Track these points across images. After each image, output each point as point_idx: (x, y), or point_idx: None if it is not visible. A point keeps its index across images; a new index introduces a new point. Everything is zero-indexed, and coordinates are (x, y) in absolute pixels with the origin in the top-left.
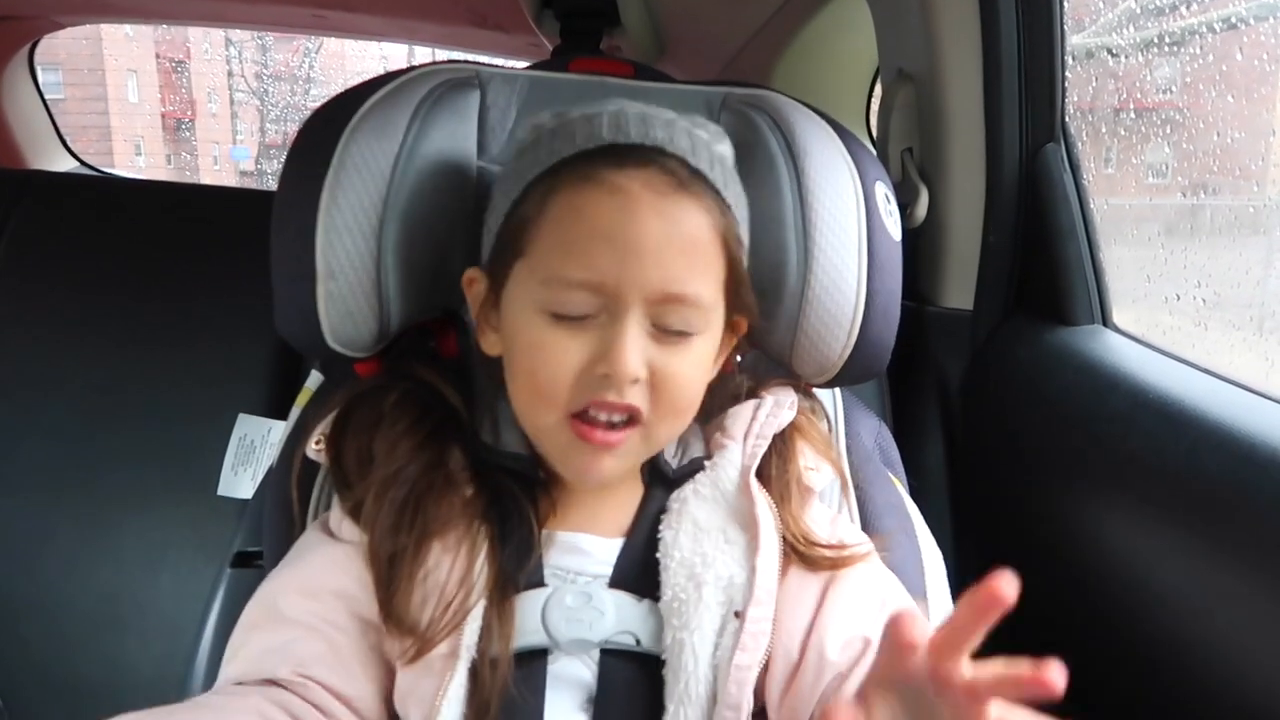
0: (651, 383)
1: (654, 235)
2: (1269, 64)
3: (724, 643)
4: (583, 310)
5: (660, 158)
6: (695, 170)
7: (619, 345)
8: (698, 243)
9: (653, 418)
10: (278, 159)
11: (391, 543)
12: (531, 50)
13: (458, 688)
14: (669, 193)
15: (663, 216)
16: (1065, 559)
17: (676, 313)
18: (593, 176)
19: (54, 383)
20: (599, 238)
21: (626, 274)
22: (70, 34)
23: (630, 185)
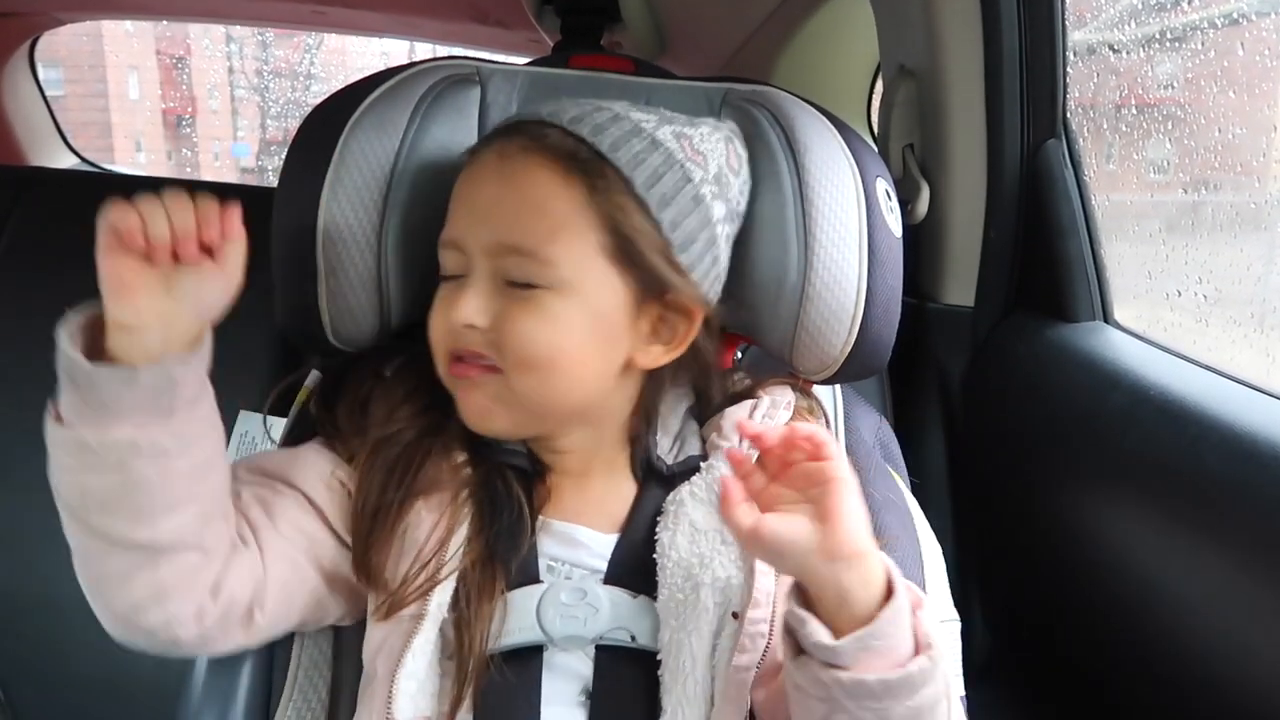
0: (496, 334)
1: (490, 194)
2: (1270, 60)
3: (722, 644)
4: (454, 269)
5: (528, 126)
6: (569, 133)
7: (458, 295)
8: (538, 198)
9: (505, 367)
10: (278, 155)
11: (378, 498)
12: (532, 46)
13: (424, 643)
14: (513, 154)
15: (499, 175)
16: (1066, 554)
17: (516, 265)
18: (472, 155)
19: (54, 378)
20: (458, 203)
21: (470, 230)
22: (71, 30)
23: (486, 155)
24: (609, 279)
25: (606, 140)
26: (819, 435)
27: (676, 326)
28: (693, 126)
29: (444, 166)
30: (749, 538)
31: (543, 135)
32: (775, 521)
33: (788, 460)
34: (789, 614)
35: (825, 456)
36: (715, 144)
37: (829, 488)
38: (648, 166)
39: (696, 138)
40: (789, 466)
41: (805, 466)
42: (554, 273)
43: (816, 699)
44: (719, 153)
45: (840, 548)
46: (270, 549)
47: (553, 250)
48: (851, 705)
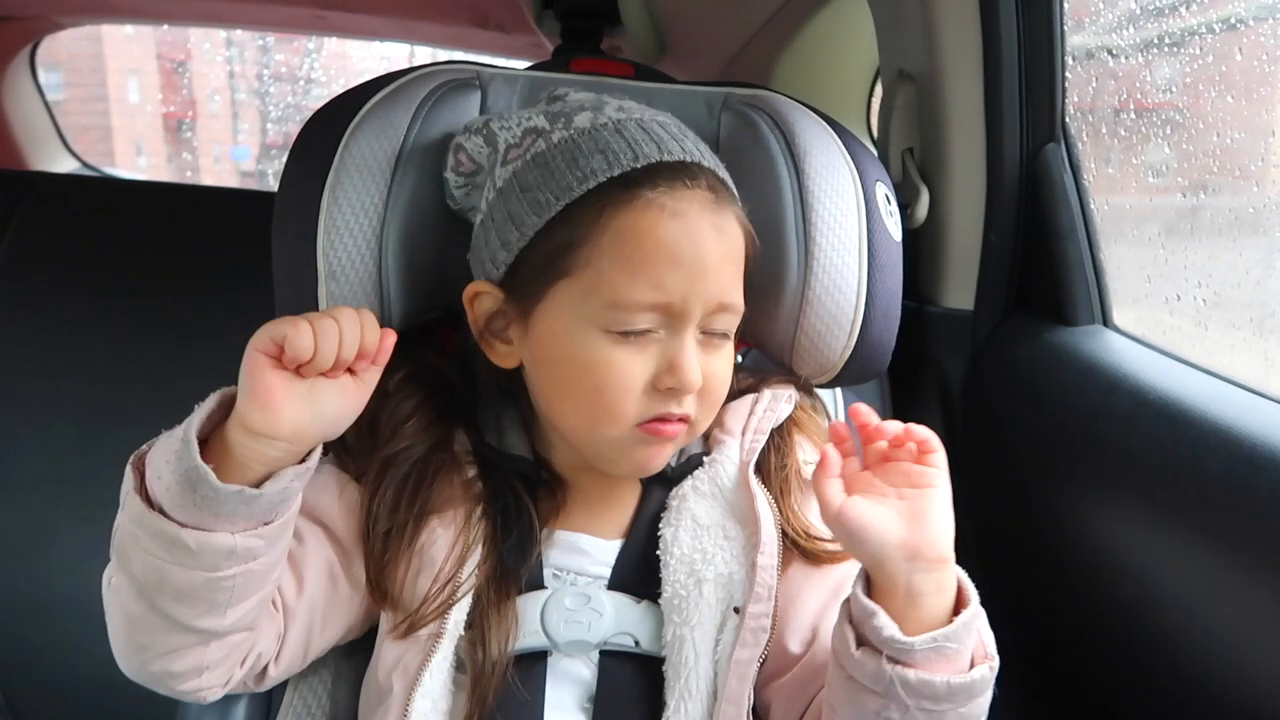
0: (706, 387)
1: (713, 253)
2: (1269, 64)
3: (724, 639)
4: (645, 325)
5: (701, 173)
6: (723, 182)
7: (685, 360)
8: (738, 252)
9: (700, 416)
10: (279, 159)
11: (389, 519)
12: (532, 50)
13: (441, 661)
14: (718, 210)
15: (719, 233)
16: (1066, 558)
17: (721, 319)
18: (649, 199)
19: (56, 383)
20: (666, 260)
21: (693, 292)
22: (71, 35)
23: (689, 208)
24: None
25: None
26: (932, 440)
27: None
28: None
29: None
30: (834, 516)
31: (715, 186)
32: (864, 506)
33: (889, 455)
34: (854, 603)
35: (931, 463)
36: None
37: (925, 491)
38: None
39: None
40: (888, 461)
41: (906, 466)
42: (738, 321)
43: (872, 692)
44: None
45: (925, 549)
46: (295, 614)
47: (741, 300)
48: (911, 703)
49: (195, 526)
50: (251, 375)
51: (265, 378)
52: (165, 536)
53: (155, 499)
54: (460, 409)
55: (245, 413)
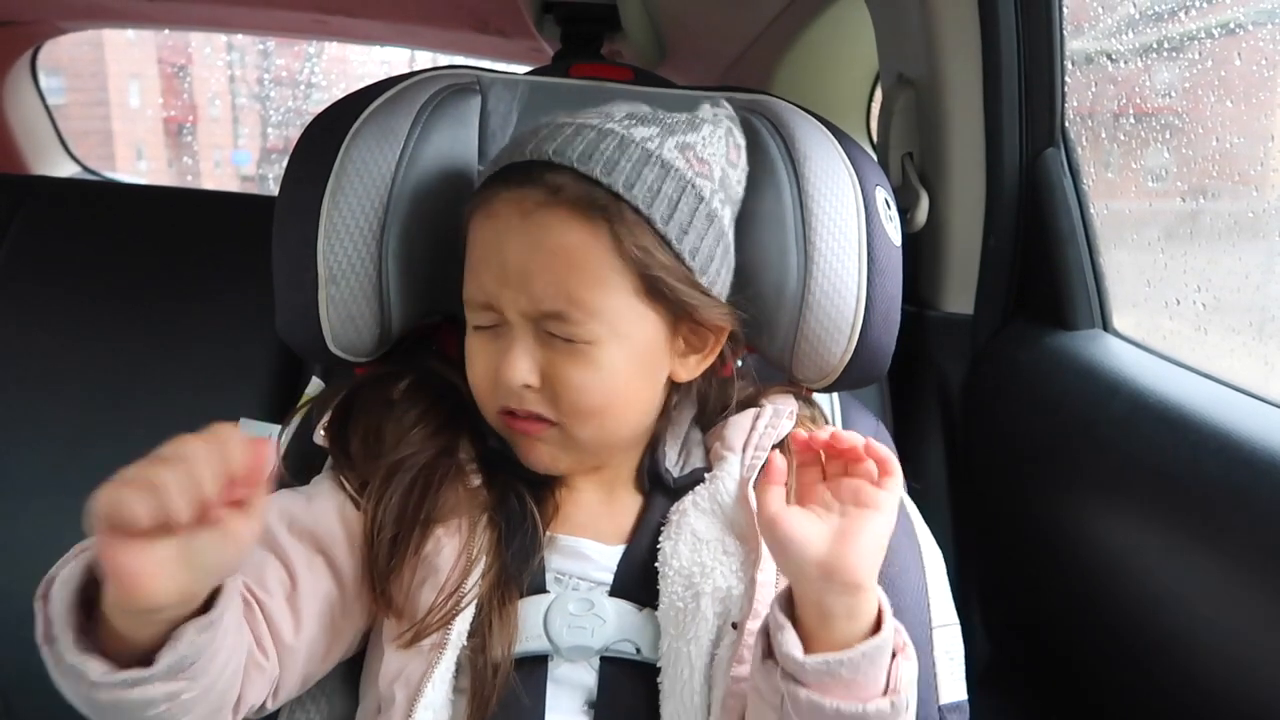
0: (549, 389)
1: (513, 256)
2: (1267, 69)
3: (720, 654)
4: (488, 322)
5: (541, 172)
6: (584, 176)
7: (505, 358)
8: (569, 255)
9: (563, 420)
10: (279, 163)
11: (395, 526)
12: (532, 55)
13: (444, 672)
14: (534, 210)
15: (522, 236)
16: (1066, 562)
17: (556, 325)
18: (484, 202)
19: (55, 387)
20: (481, 262)
21: (504, 294)
22: (72, 39)
23: (503, 208)
24: (644, 317)
25: (620, 178)
26: (892, 464)
27: (706, 336)
28: (694, 130)
29: (445, 175)
30: (767, 522)
31: (558, 185)
32: (798, 519)
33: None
34: (770, 616)
35: (885, 485)
36: (717, 144)
37: (864, 513)
38: (663, 198)
39: (699, 144)
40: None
41: (858, 484)
42: (594, 327)
43: (770, 706)
44: (720, 153)
45: (840, 572)
46: (295, 651)
47: (591, 306)
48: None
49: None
50: (104, 559)
51: (120, 560)
52: (80, 695)
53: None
54: (464, 414)
55: (112, 596)
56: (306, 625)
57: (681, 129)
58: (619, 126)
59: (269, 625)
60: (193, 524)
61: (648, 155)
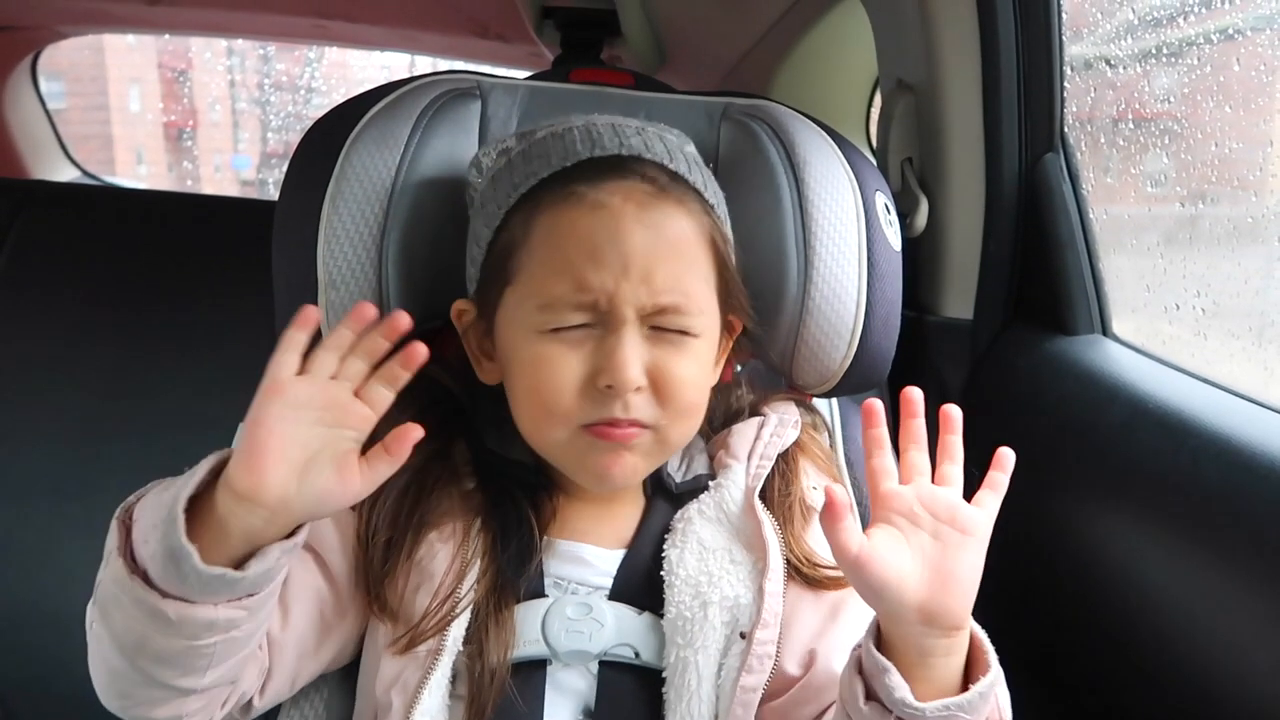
0: (655, 388)
1: (639, 247)
2: (1266, 75)
3: (729, 663)
4: (577, 322)
5: (638, 165)
6: (674, 174)
7: (619, 356)
8: (683, 247)
9: (663, 421)
10: (279, 168)
11: (389, 530)
12: (532, 60)
13: (440, 679)
14: (650, 202)
15: (646, 226)
16: (1065, 567)
17: (671, 318)
18: (572, 194)
19: (56, 392)
20: (585, 255)
21: (619, 291)
22: (73, 44)
23: (611, 199)
24: (716, 310)
25: (695, 176)
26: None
27: (723, 340)
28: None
29: (445, 180)
30: (851, 563)
31: (659, 179)
32: (886, 553)
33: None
34: (865, 656)
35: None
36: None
37: (964, 542)
38: (719, 198)
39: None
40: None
41: (953, 502)
42: (702, 319)
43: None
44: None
45: (943, 617)
46: (282, 647)
47: (699, 298)
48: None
49: (177, 597)
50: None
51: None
52: (146, 605)
53: (140, 562)
54: (459, 419)
55: (232, 473)
56: (295, 621)
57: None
58: (655, 130)
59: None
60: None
61: (687, 155)
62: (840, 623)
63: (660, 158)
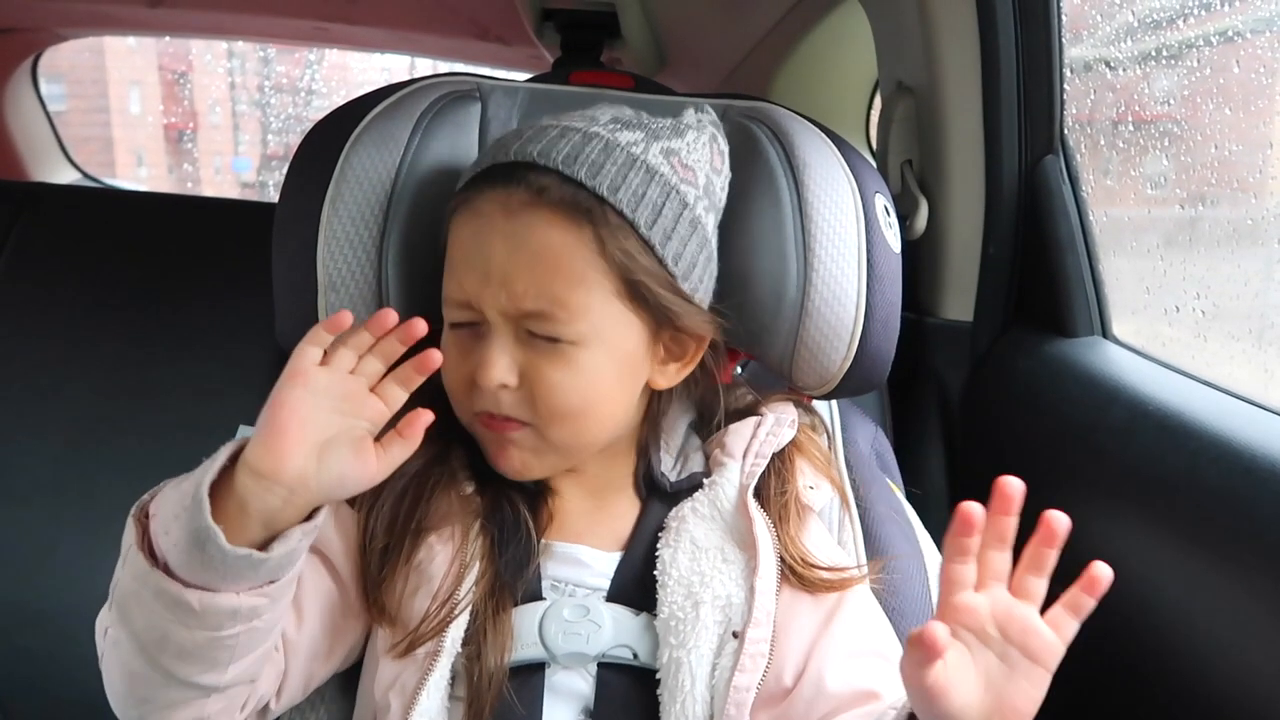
0: (527, 390)
1: (497, 255)
2: (1266, 77)
3: (722, 663)
4: (466, 319)
5: (525, 173)
6: (568, 179)
7: (483, 356)
8: (552, 256)
9: (538, 422)
10: (279, 170)
11: (386, 535)
12: (532, 62)
13: (439, 680)
14: (519, 210)
15: (506, 236)
16: (1064, 569)
17: (537, 324)
18: (466, 201)
19: (56, 394)
20: (461, 261)
21: (483, 295)
22: (73, 46)
23: (486, 207)
24: (626, 320)
25: (605, 181)
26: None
27: (687, 344)
28: (679, 136)
29: (445, 182)
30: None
31: (542, 186)
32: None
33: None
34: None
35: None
36: (701, 150)
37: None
38: (647, 202)
39: (684, 150)
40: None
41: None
42: (577, 327)
43: None
44: (704, 160)
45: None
46: (297, 648)
47: (573, 306)
48: None
49: (200, 586)
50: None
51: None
52: (169, 596)
53: (160, 554)
54: (457, 423)
55: (251, 453)
56: (308, 621)
57: (666, 134)
58: (604, 130)
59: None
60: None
61: (633, 160)
62: (833, 631)
63: (557, 163)
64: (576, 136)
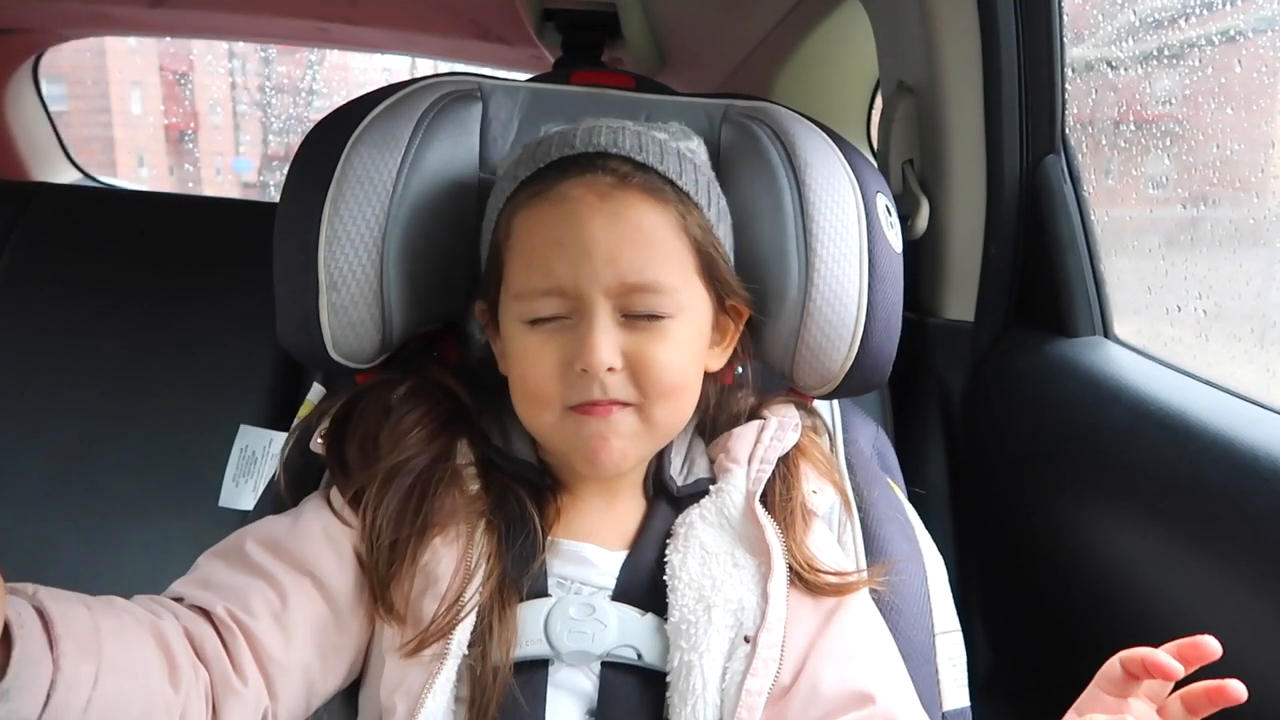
0: (632, 369)
1: (599, 234)
2: (1267, 76)
3: (733, 667)
4: (554, 312)
5: (601, 160)
6: (640, 164)
7: (589, 340)
8: (648, 232)
9: (644, 401)
10: (280, 171)
11: (394, 531)
12: (533, 62)
13: (445, 682)
14: (610, 192)
15: (605, 215)
16: (1067, 569)
17: (641, 299)
18: (542, 192)
19: (56, 394)
20: (551, 246)
21: (582, 275)
22: (74, 47)
23: (573, 191)
24: (701, 295)
25: (670, 166)
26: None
27: (727, 326)
28: (687, 138)
29: (446, 181)
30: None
31: (624, 171)
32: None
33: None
34: None
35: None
36: (702, 152)
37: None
38: (700, 187)
39: (696, 149)
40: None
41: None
42: (674, 301)
43: None
44: (705, 161)
45: None
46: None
47: (670, 280)
48: None
49: None
50: None
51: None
52: None
53: None
54: (463, 420)
55: None
56: (299, 643)
57: (681, 136)
58: (641, 129)
59: (253, 648)
60: None
61: (677, 151)
62: (830, 632)
63: (627, 151)
64: (627, 132)
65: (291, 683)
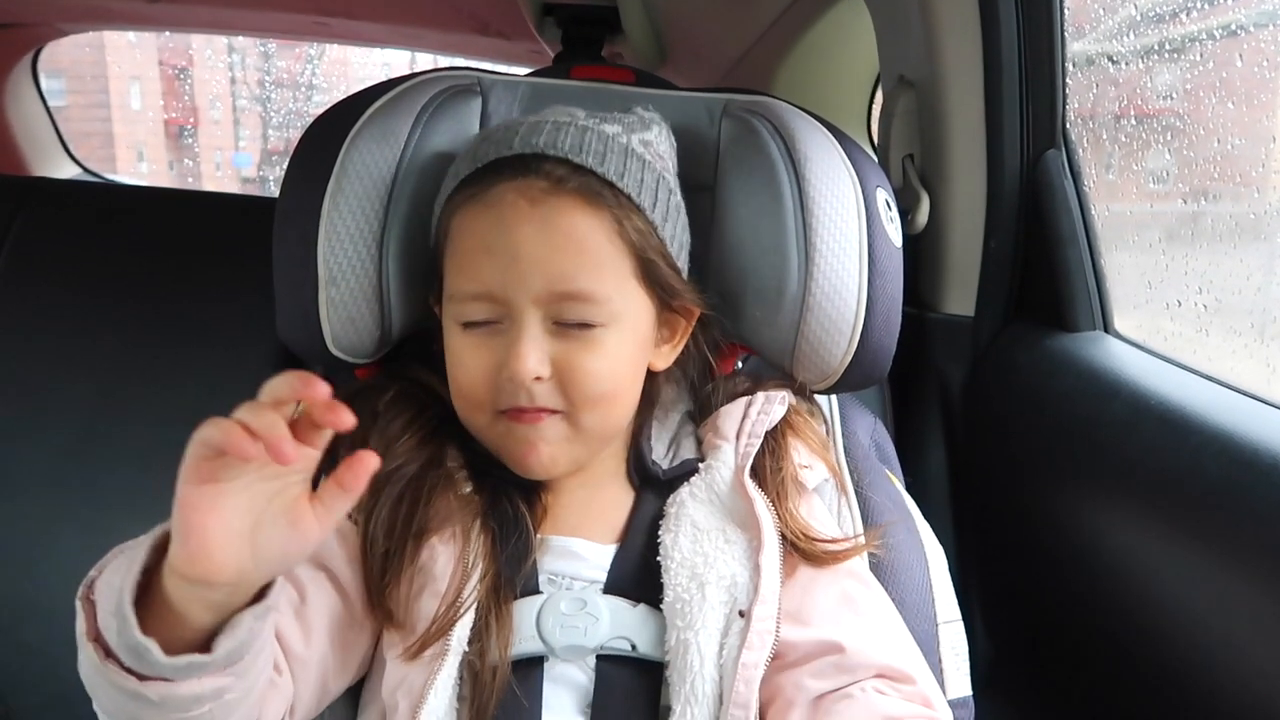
0: (560, 378)
1: (528, 241)
2: (1268, 71)
3: (729, 642)
4: (485, 317)
5: (537, 163)
6: (579, 167)
7: (515, 349)
8: (580, 239)
9: (572, 409)
10: (280, 165)
11: (387, 540)
12: (533, 57)
13: (446, 680)
14: (542, 197)
15: (535, 221)
16: (1066, 563)
17: (571, 308)
18: (477, 195)
19: (56, 388)
20: (481, 252)
21: (509, 281)
22: (73, 41)
23: (505, 196)
24: (640, 300)
25: (611, 167)
26: None
27: (676, 324)
28: (646, 129)
29: (446, 177)
30: None
31: (559, 175)
32: None
33: None
34: None
35: None
36: (664, 141)
37: None
38: (646, 187)
39: (654, 141)
40: None
41: None
42: (606, 309)
43: None
44: (668, 151)
45: None
46: (307, 664)
47: (603, 288)
48: None
49: (157, 678)
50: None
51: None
52: (126, 690)
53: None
54: (452, 422)
55: (175, 558)
56: (317, 637)
57: (638, 127)
58: (589, 123)
59: (280, 642)
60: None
61: (625, 148)
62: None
63: (565, 152)
64: (571, 129)
65: (310, 678)
